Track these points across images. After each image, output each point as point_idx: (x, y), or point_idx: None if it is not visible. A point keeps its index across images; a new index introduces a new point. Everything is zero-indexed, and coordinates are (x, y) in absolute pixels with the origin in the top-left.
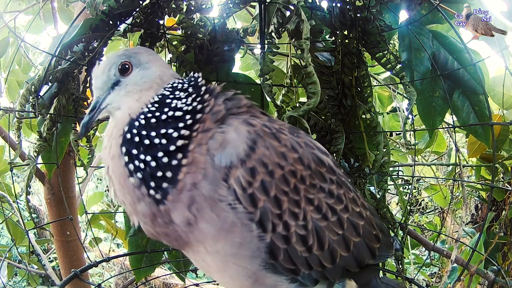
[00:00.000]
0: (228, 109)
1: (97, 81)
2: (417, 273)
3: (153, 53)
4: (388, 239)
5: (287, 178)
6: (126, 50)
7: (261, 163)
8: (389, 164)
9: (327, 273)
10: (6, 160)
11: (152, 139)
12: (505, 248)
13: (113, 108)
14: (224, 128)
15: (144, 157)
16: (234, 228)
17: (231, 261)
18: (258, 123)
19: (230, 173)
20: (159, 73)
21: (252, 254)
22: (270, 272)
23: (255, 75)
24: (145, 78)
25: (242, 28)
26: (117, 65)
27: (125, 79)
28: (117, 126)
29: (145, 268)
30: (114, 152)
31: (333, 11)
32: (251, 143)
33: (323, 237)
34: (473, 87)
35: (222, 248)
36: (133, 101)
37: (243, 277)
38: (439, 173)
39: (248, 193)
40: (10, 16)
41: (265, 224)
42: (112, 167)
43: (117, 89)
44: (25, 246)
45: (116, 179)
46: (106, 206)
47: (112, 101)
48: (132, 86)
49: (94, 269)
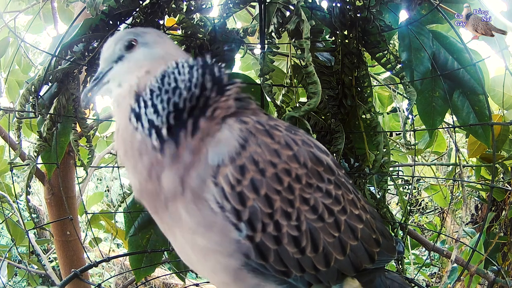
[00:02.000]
0: (238, 108)
1: (103, 54)
2: (417, 273)
3: (163, 35)
4: (390, 243)
5: (280, 176)
6: (136, 28)
7: (251, 161)
8: (389, 164)
9: (320, 276)
10: (6, 160)
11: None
12: (505, 248)
13: (114, 85)
14: (221, 125)
15: (152, 108)
16: (213, 227)
17: (211, 255)
18: (251, 120)
19: (219, 171)
20: (163, 53)
21: (231, 253)
22: (253, 273)
23: (255, 75)
24: (149, 56)
25: (242, 28)
26: (124, 41)
27: (128, 54)
28: (123, 104)
29: (145, 268)
30: (123, 123)
31: (333, 11)
32: (242, 141)
33: (318, 239)
34: (473, 87)
35: (201, 242)
36: (134, 78)
37: (223, 273)
38: (439, 173)
39: (237, 191)
40: (10, 16)
41: (254, 224)
42: (122, 132)
43: (120, 64)
44: (25, 246)
45: (125, 141)
46: (106, 206)
47: (113, 76)
48: (133, 63)
49: (94, 269)
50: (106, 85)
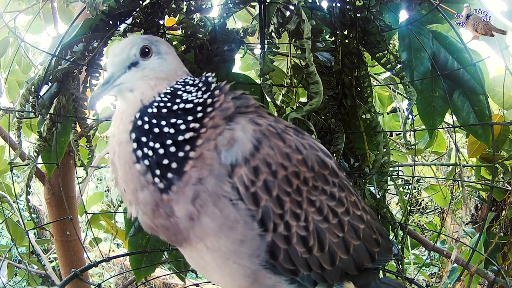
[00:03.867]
0: (237, 107)
1: (115, 58)
2: (417, 273)
3: (171, 47)
4: (388, 244)
5: (290, 179)
6: (149, 36)
7: (265, 163)
8: (389, 164)
9: (326, 275)
10: (6, 160)
11: (162, 127)
12: (505, 248)
13: (126, 88)
14: (232, 125)
15: (153, 145)
16: (236, 224)
17: (231, 259)
18: (264, 123)
19: (234, 171)
20: (174, 66)
21: (252, 252)
22: (270, 272)
23: (255, 75)
24: (162, 67)
25: (242, 28)
26: (139, 47)
27: (144, 62)
28: (127, 111)
29: (145, 268)
30: (122, 138)
31: (333, 11)
32: (256, 142)
33: (324, 239)
34: (473, 87)
35: (224, 245)
36: (148, 87)
37: (242, 276)
38: (439, 173)
39: (251, 192)
40: (10, 16)
41: (267, 223)
42: (118, 153)
43: (134, 70)
44: (25, 246)
45: (121, 165)
46: (106, 206)
47: (126, 80)
48: (149, 71)
49: (94, 269)
50: (117, 87)
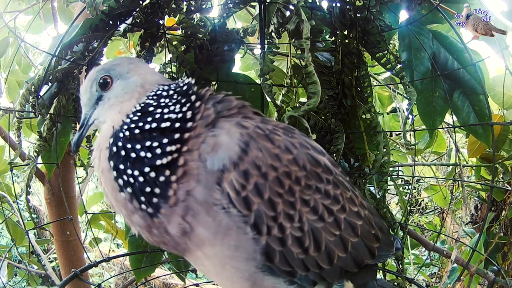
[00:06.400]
0: (218, 112)
1: (83, 98)
2: (417, 273)
3: (134, 61)
4: (389, 238)
5: (281, 180)
6: (105, 64)
7: (254, 166)
8: (389, 164)
9: (324, 274)
10: (6, 160)
11: (138, 152)
12: (505, 248)
13: (99, 123)
14: (216, 131)
15: (132, 172)
16: (229, 231)
17: (228, 264)
18: (251, 125)
19: (223, 176)
20: (140, 81)
21: (248, 256)
22: (267, 275)
23: (255, 75)
24: (126, 88)
25: (242, 28)
26: (97, 81)
27: (106, 93)
28: (103, 138)
29: (145, 268)
30: (103, 166)
31: (333, 11)
32: (243, 145)
33: (320, 238)
34: (473, 87)
35: (219, 251)
36: (116, 113)
37: (241, 280)
38: (439, 173)
39: (242, 196)
40: (10, 16)
41: (260, 227)
42: (103, 180)
43: (101, 104)
44: (25, 246)
45: (109, 192)
46: (106, 206)
47: (98, 115)
48: (113, 99)
49: (94, 269)
50: (92, 125)
